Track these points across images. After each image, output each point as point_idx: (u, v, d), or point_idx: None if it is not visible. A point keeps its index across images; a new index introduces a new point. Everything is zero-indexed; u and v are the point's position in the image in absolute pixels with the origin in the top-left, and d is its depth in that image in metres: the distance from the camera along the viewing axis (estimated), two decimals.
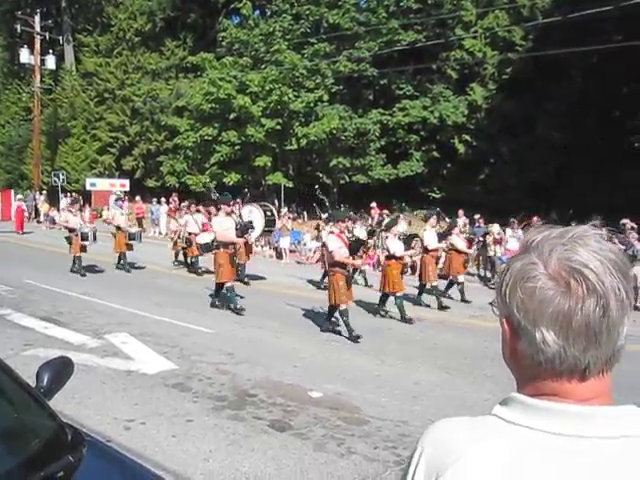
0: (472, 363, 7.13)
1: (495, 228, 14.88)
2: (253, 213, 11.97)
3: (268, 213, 12.07)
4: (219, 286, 9.83)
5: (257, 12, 28.19)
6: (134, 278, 13.02)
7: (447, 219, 13.23)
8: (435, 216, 11.40)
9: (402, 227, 13.86)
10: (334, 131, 24.26)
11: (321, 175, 26.17)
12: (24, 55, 29.38)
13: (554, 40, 19.19)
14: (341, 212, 10.14)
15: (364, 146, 25.64)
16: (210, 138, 25.93)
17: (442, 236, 11.28)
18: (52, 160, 32.39)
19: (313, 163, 26.99)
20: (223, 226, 9.79)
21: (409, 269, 11.64)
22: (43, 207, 27.27)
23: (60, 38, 31.47)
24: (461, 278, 11.75)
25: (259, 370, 6.47)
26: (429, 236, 10.94)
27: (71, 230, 12.87)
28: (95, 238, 12.97)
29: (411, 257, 10.99)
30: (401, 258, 9.67)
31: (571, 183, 20.22)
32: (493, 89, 24.02)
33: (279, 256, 18.00)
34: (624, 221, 14.07)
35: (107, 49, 32.71)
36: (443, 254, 12.59)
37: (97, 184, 28.99)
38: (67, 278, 12.22)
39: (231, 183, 25.90)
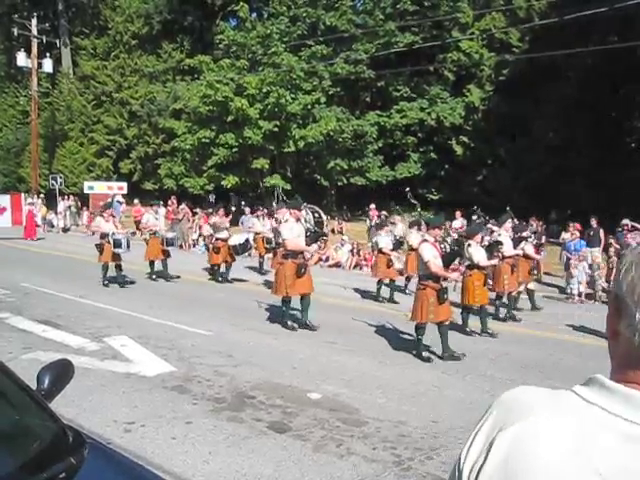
0: (470, 364, 7.15)
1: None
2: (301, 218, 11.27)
3: (316, 215, 10.93)
4: (286, 300, 8.85)
5: (254, 14, 28.23)
6: (138, 280, 12.85)
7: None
8: (510, 220, 10.42)
9: (399, 230, 13.74)
10: (331, 133, 24.25)
11: (319, 177, 26.19)
12: (21, 58, 29.34)
13: (550, 42, 19.25)
14: (437, 218, 8.93)
15: (361, 148, 25.64)
16: (208, 141, 25.89)
17: (516, 242, 10.28)
18: (50, 163, 32.38)
19: (311, 165, 27.00)
20: (294, 233, 8.70)
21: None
22: (41, 211, 27.24)
23: (57, 41, 31.46)
24: (531, 285, 11.24)
25: (258, 372, 6.48)
26: (504, 242, 9.98)
27: (103, 236, 12.04)
28: (129, 246, 12.11)
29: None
30: (484, 268, 8.86)
31: (568, 184, 20.27)
32: (490, 90, 24.07)
33: None
34: (625, 221, 14.12)
35: (104, 52, 32.71)
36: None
37: (95, 187, 28.98)
38: (65, 281, 12.21)
39: (229, 186, 25.92)
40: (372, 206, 19.71)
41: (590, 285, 12.81)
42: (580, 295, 12.57)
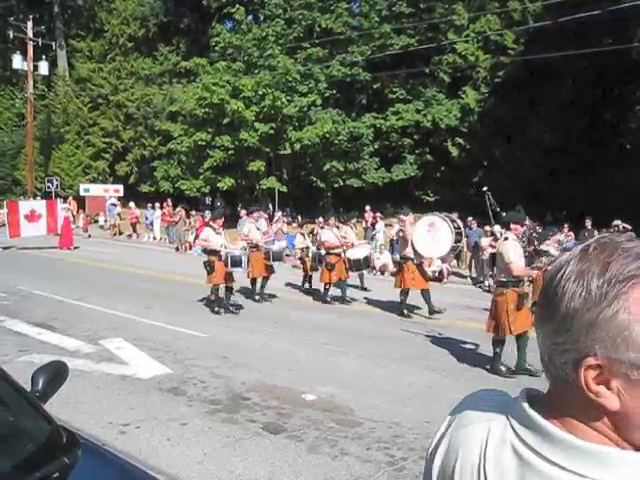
0: (465, 365, 7.18)
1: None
2: (437, 228, 9.31)
3: (455, 225, 9.24)
4: (500, 342, 7.10)
5: (250, 17, 28.25)
6: (134, 282, 12.95)
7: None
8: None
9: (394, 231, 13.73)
10: (327, 135, 24.30)
11: (315, 179, 26.23)
12: (17, 61, 29.25)
13: (545, 43, 19.32)
14: None
15: (358, 150, 25.70)
16: (204, 143, 25.91)
17: None
18: (45, 166, 32.36)
19: (307, 167, 27.04)
20: (517, 254, 7.10)
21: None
22: None
23: (53, 44, 31.42)
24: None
25: (253, 373, 6.51)
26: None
27: (212, 252, 9.84)
28: (249, 263, 10.39)
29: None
30: None
31: (564, 185, 20.34)
32: (486, 92, 24.14)
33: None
34: (616, 222, 14.21)
35: (100, 54, 32.72)
36: None
37: (91, 190, 28.99)
38: (60, 284, 12.20)
39: (225, 188, 25.93)
40: (367, 208, 19.72)
41: None
42: None
